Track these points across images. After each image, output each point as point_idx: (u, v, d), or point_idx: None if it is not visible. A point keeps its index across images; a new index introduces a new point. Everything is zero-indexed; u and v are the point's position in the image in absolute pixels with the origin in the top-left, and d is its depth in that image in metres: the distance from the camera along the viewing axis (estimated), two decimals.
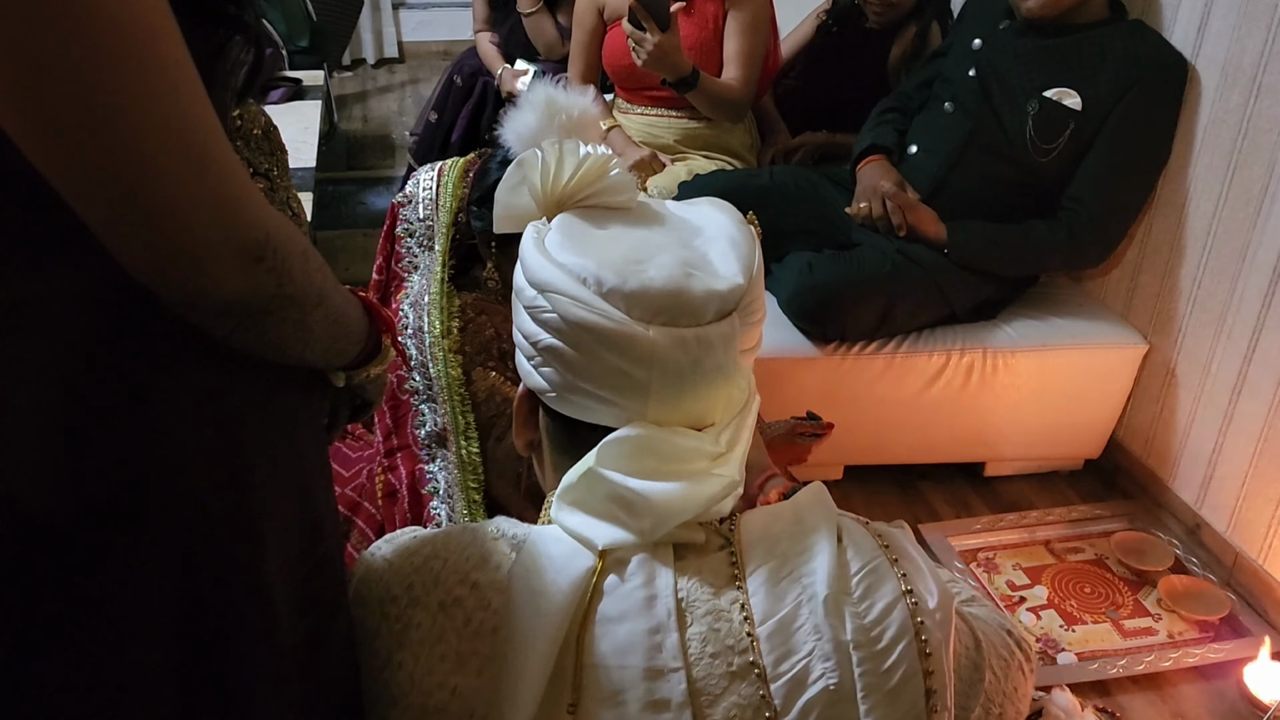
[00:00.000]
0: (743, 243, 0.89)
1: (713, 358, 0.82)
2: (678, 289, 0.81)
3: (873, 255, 2.19)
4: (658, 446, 0.81)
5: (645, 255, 0.84)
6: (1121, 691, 1.86)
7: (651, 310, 0.81)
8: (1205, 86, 2.09)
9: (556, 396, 0.85)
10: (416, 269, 1.62)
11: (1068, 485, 2.41)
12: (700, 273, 0.84)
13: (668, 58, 2.27)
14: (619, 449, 0.81)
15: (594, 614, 0.79)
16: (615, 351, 0.80)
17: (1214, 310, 2.12)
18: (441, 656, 0.81)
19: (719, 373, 0.83)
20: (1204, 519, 2.18)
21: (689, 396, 0.83)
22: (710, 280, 0.83)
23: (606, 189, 0.90)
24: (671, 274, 0.82)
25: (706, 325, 0.82)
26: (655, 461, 0.81)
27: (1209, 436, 2.16)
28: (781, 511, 0.85)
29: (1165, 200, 2.23)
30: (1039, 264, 2.30)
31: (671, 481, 0.81)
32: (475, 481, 1.54)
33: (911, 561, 0.83)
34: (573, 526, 0.82)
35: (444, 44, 5.54)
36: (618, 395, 0.82)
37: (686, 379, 0.82)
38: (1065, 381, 2.28)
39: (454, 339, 1.56)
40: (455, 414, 1.55)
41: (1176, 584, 2.05)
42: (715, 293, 0.83)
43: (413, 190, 1.65)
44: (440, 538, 0.89)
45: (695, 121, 2.59)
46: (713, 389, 0.84)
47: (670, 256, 0.84)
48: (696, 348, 0.81)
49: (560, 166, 0.90)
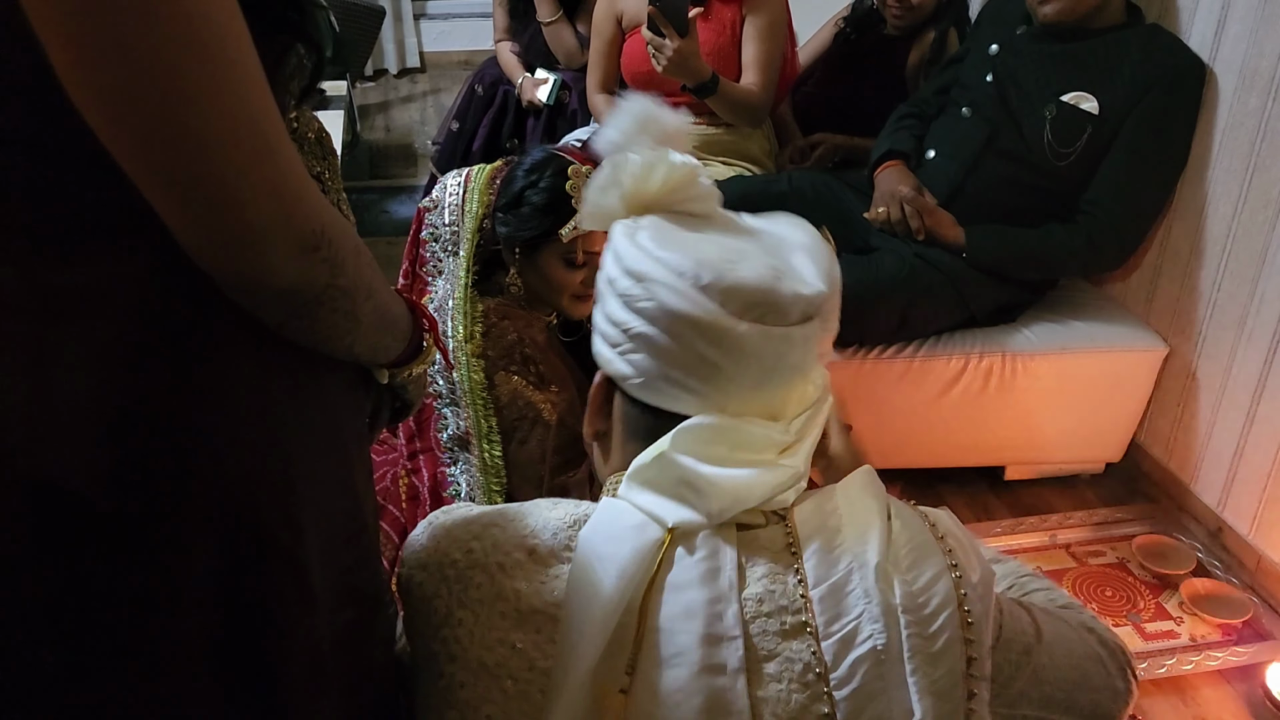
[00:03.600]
0: (821, 254, 0.93)
1: (794, 356, 0.87)
2: (768, 289, 0.86)
3: (891, 259, 2.19)
4: (730, 435, 0.86)
5: (736, 257, 0.88)
6: (1143, 695, 1.85)
7: (744, 306, 0.85)
8: (1223, 89, 2.09)
9: (643, 383, 0.89)
10: (441, 274, 1.64)
11: (1088, 489, 2.41)
12: (787, 278, 0.88)
13: (687, 63, 2.29)
14: (694, 435, 0.86)
15: (661, 580, 0.83)
16: (707, 341, 0.85)
17: (1234, 313, 2.11)
18: (502, 614, 0.84)
19: (798, 371, 0.88)
20: (1226, 522, 2.18)
21: (768, 390, 0.87)
22: (797, 284, 0.87)
23: (692, 197, 0.95)
24: (762, 275, 0.86)
25: (791, 326, 0.86)
26: (726, 449, 0.85)
27: (1230, 439, 2.15)
28: (832, 493, 0.89)
29: (1184, 203, 2.22)
30: (1057, 268, 2.30)
31: (741, 469, 0.85)
32: (498, 485, 1.56)
33: (955, 539, 0.87)
34: (643, 504, 0.86)
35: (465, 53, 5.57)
36: (703, 384, 0.86)
37: (769, 374, 0.87)
38: (1085, 385, 2.28)
39: (476, 343, 1.58)
40: (478, 418, 1.57)
41: (1198, 587, 2.05)
42: (801, 296, 0.87)
43: (439, 196, 1.67)
44: (497, 510, 0.92)
45: (714, 128, 2.61)
46: (790, 385, 0.89)
47: (758, 261, 0.88)
48: (782, 345, 0.86)
49: (652, 171, 0.93)
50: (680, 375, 0.86)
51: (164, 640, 0.73)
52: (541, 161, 1.61)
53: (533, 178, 1.59)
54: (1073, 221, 2.17)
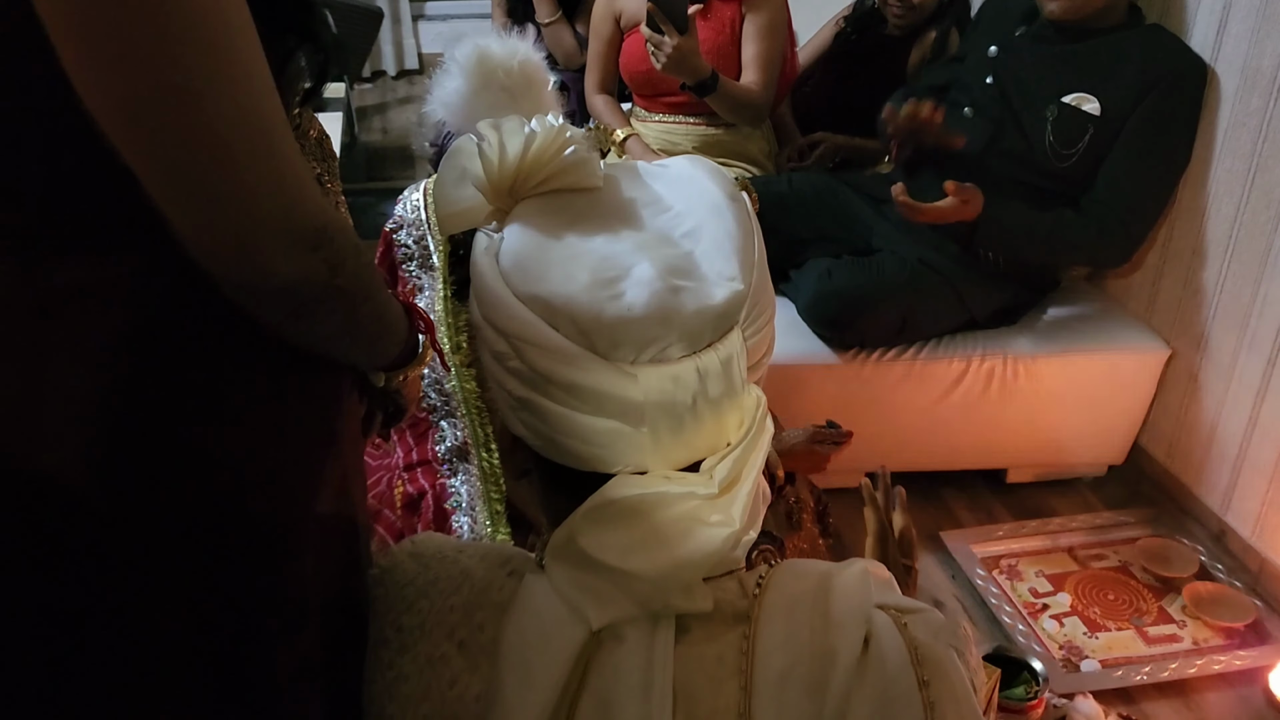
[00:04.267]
0: (735, 225, 0.76)
1: (713, 387, 0.70)
2: (664, 313, 0.69)
3: (892, 262, 2.18)
4: (643, 509, 0.71)
5: (620, 268, 0.71)
6: (1146, 699, 1.84)
7: (636, 346, 0.69)
8: (1225, 90, 2.08)
9: (541, 445, 0.75)
10: (422, 290, 1.63)
11: (1091, 491, 2.40)
12: (688, 281, 0.71)
13: (686, 60, 2.28)
14: (600, 523, 0.71)
15: (587, 689, 0.71)
16: (600, 406, 0.70)
17: (1237, 314, 2.10)
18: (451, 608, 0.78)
19: (726, 399, 0.71)
20: (1229, 525, 2.16)
21: (691, 432, 0.71)
22: (702, 291, 0.71)
23: (564, 169, 0.77)
24: (654, 292, 0.69)
25: (704, 351, 0.70)
26: (644, 528, 0.70)
27: (1233, 441, 2.14)
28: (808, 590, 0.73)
29: (1186, 204, 2.21)
30: (1063, 253, 2.24)
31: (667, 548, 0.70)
32: (497, 492, 1.55)
33: (946, 683, 0.69)
34: (565, 591, 0.73)
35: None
36: (606, 449, 0.71)
37: (687, 420, 0.70)
38: (1087, 387, 2.27)
39: (464, 353, 1.57)
40: (474, 426, 1.56)
41: (1201, 590, 2.04)
42: (710, 308, 0.70)
43: (401, 215, 1.65)
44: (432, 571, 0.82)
45: (713, 128, 2.60)
46: (719, 420, 0.72)
47: (649, 266, 0.71)
48: (695, 381, 0.69)
49: (504, 150, 0.76)
50: (577, 444, 0.72)
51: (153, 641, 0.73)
52: None
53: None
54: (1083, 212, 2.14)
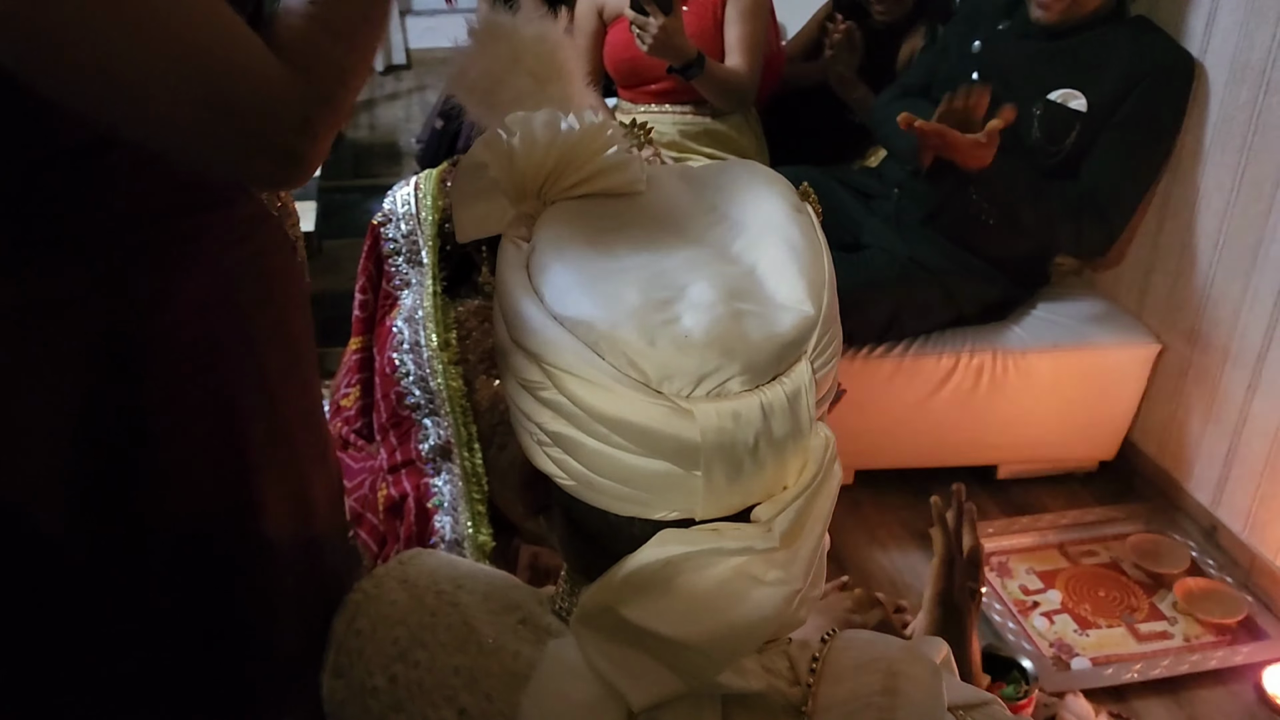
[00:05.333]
0: (802, 239, 0.66)
1: (779, 426, 0.60)
2: (725, 342, 0.59)
3: (880, 258, 2.17)
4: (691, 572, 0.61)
5: (674, 288, 0.62)
6: (1137, 697, 1.83)
7: (692, 380, 0.58)
8: (1214, 83, 2.07)
9: (575, 486, 0.63)
10: (408, 285, 1.61)
11: (1081, 488, 2.39)
12: (752, 304, 0.61)
13: (672, 40, 2.28)
14: (642, 587, 0.61)
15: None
16: (649, 446, 0.59)
17: (1227, 309, 2.09)
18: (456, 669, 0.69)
19: (791, 440, 0.61)
20: (1220, 520, 2.15)
21: (750, 477, 0.61)
22: (768, 316, 0.61)
23: (602, 171, 0.68)
24: (715, 317, 0.60)
25: (768, 384, 0.60)
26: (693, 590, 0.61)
27: (1224, 436, 2.13)
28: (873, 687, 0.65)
29: (1176, 198, 2.20)
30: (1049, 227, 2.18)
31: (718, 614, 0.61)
32: (479, 493, 1.53)
33: None
34: (600, 666, 0.63)
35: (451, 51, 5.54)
36: (652, 493, 0.61)
37: (746, 463, 0.60)
38: (1077, 382, 2.26)
39: (452, 351, 1.55)
40: (458, 425, 1.54)
41: (1193, 587, 2.03)
42: (777, 335, 0.60)
43: (391, 208, 1.64)
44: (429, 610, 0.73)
45: (700, 116, 2.59)
46: (782, 462, 0.61)
47: (707, 285, 0.62)
48: (758, 419, 0.59)
49: (533, 146, 0.66)
50: (618, 486, 0.61)
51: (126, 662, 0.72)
52: None
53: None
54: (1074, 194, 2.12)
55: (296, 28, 0.68)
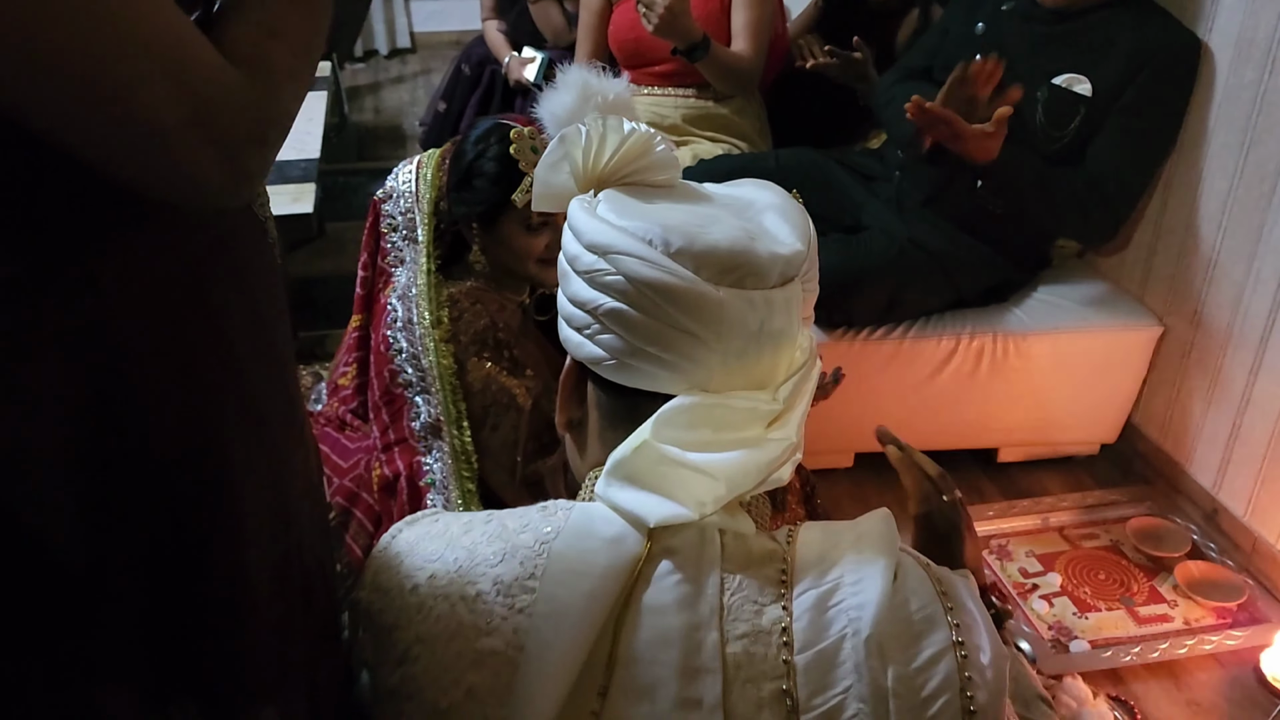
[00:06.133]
0: (794, 214, 0.88)
1: (777, 320, 0.81)
2: (744, 250, 0.80)
3: (880, 240, 2.15)
4: (714, 415, 0.79)
5: (705, 222, 0.83)
6: (1136, 680, 1.82)
7: (719, 270, 0.79)
8: (1219, 63, 2.04)
9: (616, 364, 0.82)
10: (403, 262, 1.62)
11: (1082, 470, 2.38)
12: (762, 239, 0.83)
13: (677, 21, 2.27)
14: (675, 421, 0.79)
15: (637, 600, 0.77)
16: (684, 311, 0.78)
17: (1230, 291, 2.08)
18: (459, 653, 0.78)
19: (783, 336, 0.82)
20: (1221, 503, 2.14)
21: (751, 359, 0.81)
22: (773, 245, 0.83)
23: (649, 166, 0.89)
24: (735, 237, 0.81)
25: (771, 289, 0.81)
26: (711, 431, 0.79)
27: (1226, 419, 2.12)
28: (842, 533, 0.83)
29: (1179, 180, 2.18)
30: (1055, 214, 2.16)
31: (729, 452, 0.79)
32: (469, 471, 1.53)
33: (969, 614, 0.78)
34: (623, 503, 0.80)
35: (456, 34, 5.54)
36: (681, 358, 0.80)
37: (752, 342, 0.80)
38: (1078, 365, 2.24)
39: (444, 329, 1.55)
40: (448, 403, 1.54)
41: (1193, 570, 2.02)
42: (779, 256, 0.82)
43: (392, 185, 1.65)
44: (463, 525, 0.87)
45: (703, 100, 2.58)
46: (777, 351, 0.83)
47: (729, 224, 0.84)
48: (763, 309, 0.80)
49: (603, 142, 0.88)
50: (656, 351, 0.80)
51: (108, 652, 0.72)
52: (485, 133, 1.58)
53: (479, 149, 1.56)
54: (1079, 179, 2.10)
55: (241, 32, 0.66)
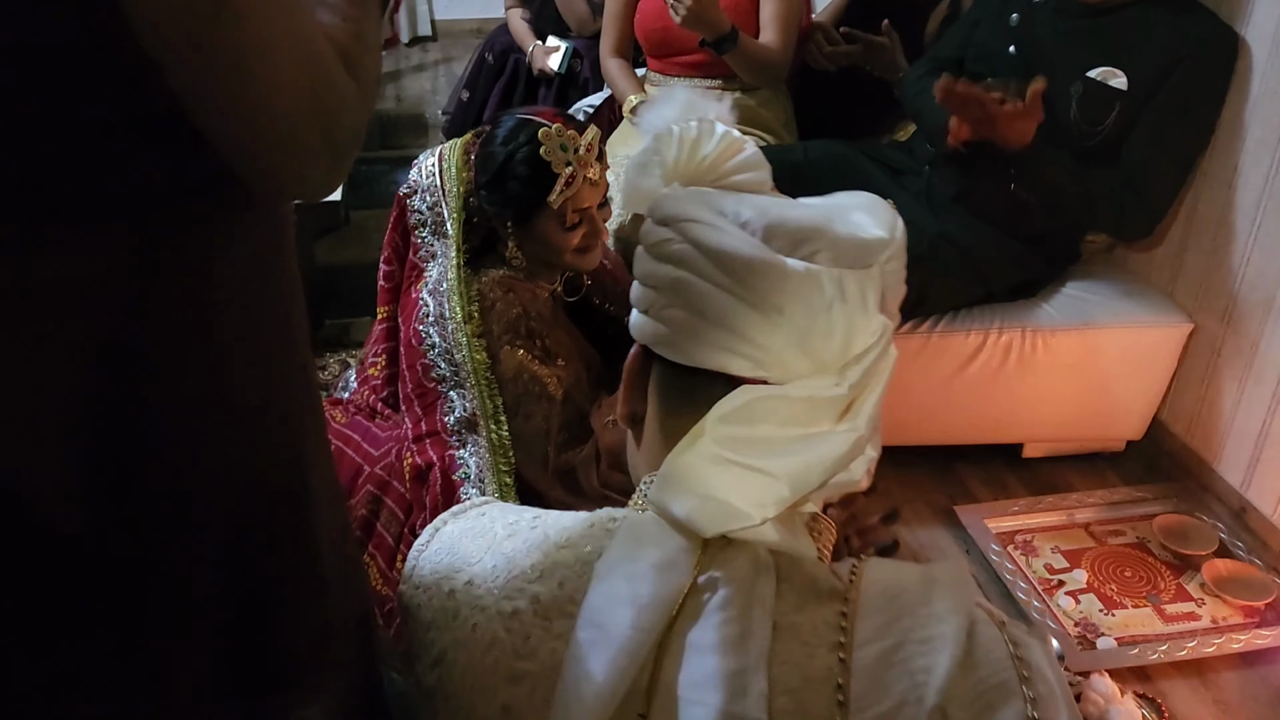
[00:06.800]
0: (883, 212, 0.84)
1: (849, 303, 0.76)
2: (819, 226, 0.78)
3: (910, 233, 2.11)
4: (775, 410, 0.75)
5: (783, 204, 0.81)
6: (1163, 677, 1.82)
7: (791, 243, 0.77)
8: (1256, 58, 2.02)
9: (677, 341, 0.79)
10: (434, 257, 1.62)
11: (1108, 467, 2.36)
12: (845, 224, 0.80)
13: (706, 14, 2.25)
14: (731, 417, 0.75)
15: (681, 633, 0.72)
16: (750, 281, 0.75)
17: (1263, 288, 2.06)
18: (495, 665, 0.76)
19: (854, 320, 0.77)
20: (1250, 502, 2.13)
21: (819, 340, 0.76)
22: (853, 228, 0.79)
23: (739, 168, 0.87)
24: (813, 216, 0.79)
25: (845, 269, 0.77)
26: (773, 427, 0.75)
27: (1256, 417, 2.10)
28: (912, 579, 0.75)
29: (1212, 176, 2.16)
30: (1089, 211, 2.15)
31: (792, 451, 0.74)
32: (506, 464, 1.54)
33: (1046, 683, 0.71)
34: (677, 511, 0.74)
35: (477, 21, 5.53)
36: (745, 335, 0.75)
37: (819, 320, 0.75)
38: (1107, 361, 2.23)
39: (476, 323, 1.55)
40: (483, 398, 1.54)
41: (1221, 568, 2.01)
42: (857, 238, 0.78)
43: (416, 179, 1.65)
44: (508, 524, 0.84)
45: (729, 92, 2.56)
46: (847, 336, 0.77)
47: (809, 211, 0.81)
48: (833, 288, 0.75)
49: (696, 143, 0.86)
50: (718, 325, 0.76)
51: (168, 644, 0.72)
52: (513, 130, 1.58)
53: (509, 149, 1.56)
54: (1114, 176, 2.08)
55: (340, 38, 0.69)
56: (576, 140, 1.54)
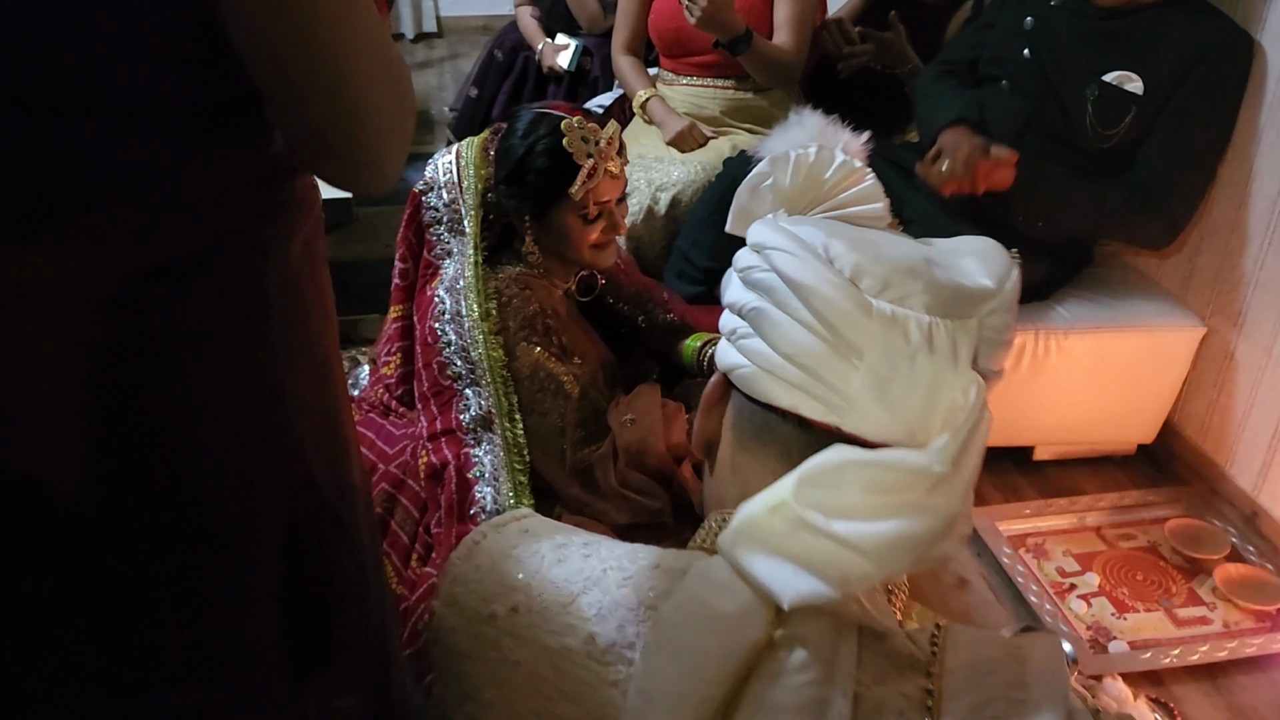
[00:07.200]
0: (996, 260, 0.78)
1: (938, 356, 0.70)
2: (914, 268, 0.72)
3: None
4: (864, 475, 0.67)
5: (884, 241, 0.76)
6: (1175, 682, 1.81)
7: (880, 283, 0.71)
8: (1271, 62, 2.02)
9: (753, 373, 0.75)
10: (450, 254, 1.61)
11: (1120, 470, 2.36)
12: (947, 269, 0.74)
13: (720, 14, 2.25)
14: (818, 480, 0.68)
15: (755, 693, 0.66)
16: (830, 317, 0.70)
17: (1277, 292, 2.05)
18: (535, 712, 0.70)
19: (942, 375, 0.70)
20: (1261, 506, 2.13)
21: (900, 393, 0.70)
22: (955, 274, 0.74)
23: (855, 199, 0.84)
24: (911, 257, 0.73)
25: (938, 317, 0.71)
26: (860, 494, 0.67)
27: (1269, 421, 2.10)
28: (998, 655, 0.69)
29: (1226, 180, 2.16)
30: (1105, 230, 2.18)
31: (879, 520, 0.66)
32: (520, 463, 1.53)
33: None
34: (754, 572, 0.67)
35: (483, 18, 5.52)
36: (821, 376, 0.71)
37: (900, 370, 0.69)
38: (1119, 364, 2.23)
39: (493, 321, 1.55)
40: (499, 396, 1.54)
41: (1232, 572, 2.00)
42: (958, 285, 0.72)
43: (432, 176, 1.64)
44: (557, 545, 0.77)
45: (742, 92, 2.56)
46: (932, 393, 0.70)
47: (912, 249, 0.76)
48: (920, 338, 0.70)
49: (812, 169, 0.83)
50: (795, 360, 0.72)
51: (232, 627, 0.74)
52: (532, 123, 1.57)
53: (529, 143, 1.55)
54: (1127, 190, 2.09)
55: None
56: (598, 133, 1.54)
